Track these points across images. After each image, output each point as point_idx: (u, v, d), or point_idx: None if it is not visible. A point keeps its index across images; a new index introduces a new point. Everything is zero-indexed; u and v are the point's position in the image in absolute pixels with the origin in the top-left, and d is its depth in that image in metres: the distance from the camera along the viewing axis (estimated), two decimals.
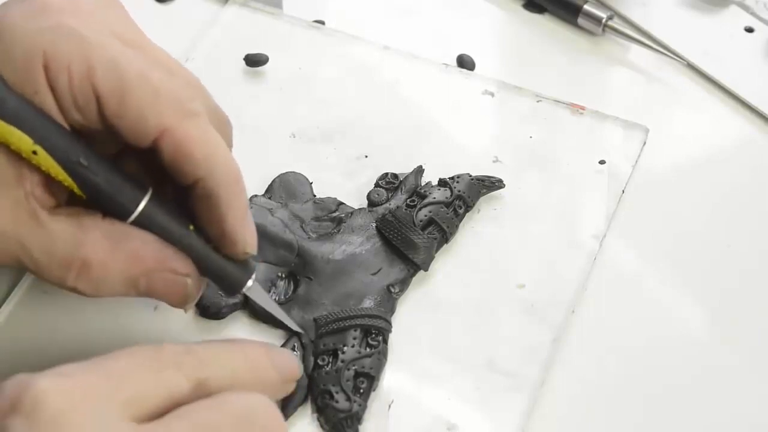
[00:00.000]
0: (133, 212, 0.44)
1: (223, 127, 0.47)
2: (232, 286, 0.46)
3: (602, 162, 0.59)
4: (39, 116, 0.42)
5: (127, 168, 0.46)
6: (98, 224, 0.44)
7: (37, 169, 0.43)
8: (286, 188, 0.57)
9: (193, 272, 0.45)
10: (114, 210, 0.44)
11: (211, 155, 0.44)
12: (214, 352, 0.42)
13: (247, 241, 0.45)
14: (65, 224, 0.43)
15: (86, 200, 0.44)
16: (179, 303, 0.46)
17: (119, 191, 0.43)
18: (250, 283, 0.46)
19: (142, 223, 0.44)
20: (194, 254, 0.45)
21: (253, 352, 0.44)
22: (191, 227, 0.45)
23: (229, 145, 0.48)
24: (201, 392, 0.41)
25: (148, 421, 0.39)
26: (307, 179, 0.57)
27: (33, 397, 0.37)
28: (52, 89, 0.43)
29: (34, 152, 0.42)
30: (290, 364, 0.46)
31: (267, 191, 0.57)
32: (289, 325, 0.50)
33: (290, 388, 0.46)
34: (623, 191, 0.58)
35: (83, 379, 0.39)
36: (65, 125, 0.43)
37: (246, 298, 0.52)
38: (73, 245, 0.43)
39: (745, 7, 0.67)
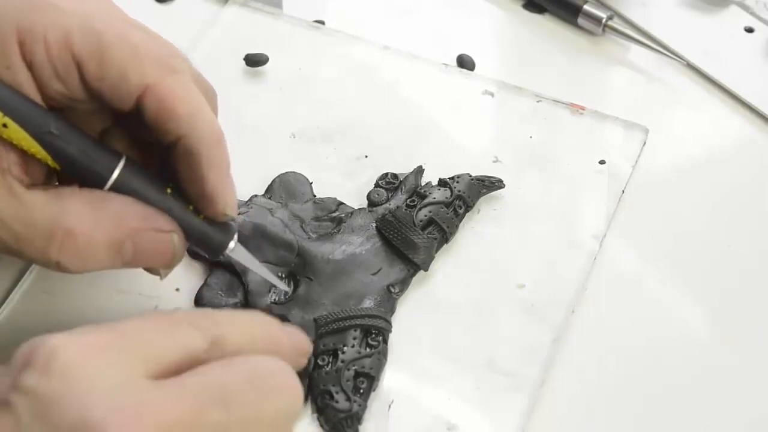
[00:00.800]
0: (108, 179, 0.43)
1: (208, 94, 0.47)
2: (214, 249, 0.46)
3: (602, 162, 0.59)
4: (7, 90, 0.42)
5: (113, 143, 0.46)
6: (76, 193, 0.43)
7: (13, 148, 0.42)
8: (286, 188, 0.57)
9: (177, 229, 0.45)
10: (90, 178, 0.43)
11: (193, 112, 0.44)
12: (229, 315, 0.42)
13: (227, 201, 0.45)
14: (44, 196, 0.43)
15: (62, 173, 0.44)
16: (166, 263, 0.45)
17: (93, 159, 0.43)
18: (232, 244, 0.46)
19: (119, 189, 0.44)
20: (174, 217, 0.44)
21: (267, 321, 0.43)
22: (169, 191, 0.44)
23: (214, 112, 0.47)
24: (217, 350, 0.40)
25: (164, 378, 0.38)
26: (307, 179, 0.57)
27: (46, 351, 0.37)
28: (30, 64, 0.43)
29: (4, 125, 0.42)
30: (302, 338, 0.45)
31: (267, 191, 0.57)
32: (278, 286, 0.50)
33: (303, 361, 0.45)
34: (623, 191, 0.58)
35: (97, 336, 0.38)
36: (38, 98, 0.43)
37: (246, 299, 0.52)
38: (54, 216, 0.43)
39: (745, 7, 0.67)
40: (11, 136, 0.42)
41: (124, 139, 0.46)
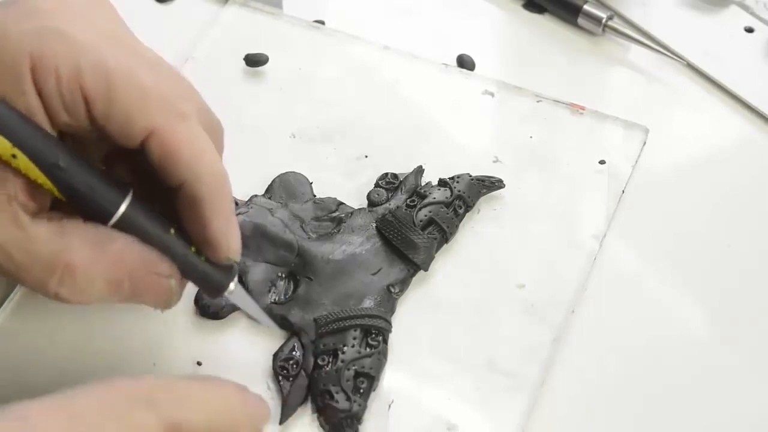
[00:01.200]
0: (113, 215, 0.43)
1: (214, 130, 0.47)
2: (213, 290, 0.46)
3: (602, 162, 0.59)
4: (19, 119, 0.42)
5: (117, 169, 0.46)
6: (80, 228, 0.43)
7: (20, 174, 0.43)
8: (286, 188, 0.57)
9: (176, 273, 0.45)
10: (95, 213, 0.44)
11: (197, 158, 0.44)
12: (191, 390, 0.40)
13: (230, 246, 0.45)
14: (47, 228, 0.43)
15: (68, 204, 0.44)
16: (162, 305, 0.46)
17: (99, 194, 0.43)
18: (232, 286, 0.46)
19: (123, 226, 0.44)
20: (176, 257, 0.45)
21: (229, 396, 0.42)
22: (172, 231, 0.45)
23: (220, 147, 0.47)
24: None
25: None
26: (307, 179, 0.57)
27: None
28: (40, 91, 0.43)
29: (13, 156, 0.42)
30: (262, 411, 0.43)
31: (267, 191, 0.57)
32: (273, 330, 0.50)
33: None
34: (623, 191, 0.58)
35: (41, 423, 0.36)
36: (49, 128, 0.43)
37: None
38: (55, 249, 0.43)
39: (745, 7, 0.67)
40: (20, 166, 0.42)
41: (129, 167, 0.46)
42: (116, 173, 0.46)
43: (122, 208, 0.43)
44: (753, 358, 0.53)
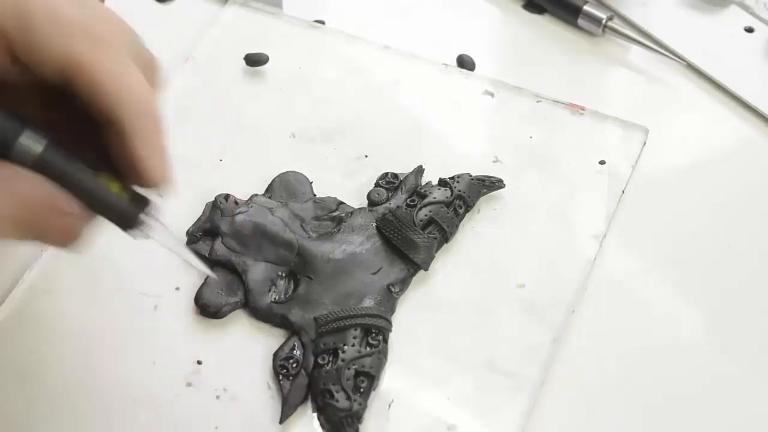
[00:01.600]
0: (10, 148, 0.42)
1: (147, 65, 0.45)
2: (125, 222, 0.44)
3: (602, 162, 0.59)
4: None
5: (51, 115, 0.45)
6: None
7: None
8: (287, 188, 0.57)
9: (78, 210, 0.43)
10: None
11: (120, 84, 0.43)
12: None
13: (157, 169, 0.43)
14: None
15: None
16: (66, 242, 0.44)
17: None
18: (146, 219, 0.43)
19: (21, 160, 0.42)
20: (78, 189, 0.43)
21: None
22: (85, 166, 0.43)
23: (155, 83, 0.46)
24: None
25: None
26: (307, 179, 0.57)
27: None
28: None
29: None
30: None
31: (267, 191, 0.57)
32: (202, 270, 0.47)
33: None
34: (623, 191, 0.58)
35: None
36: None
37: (246, 298, 0.52)
38: None
39: (745, 7, 0.67)
40: None
41: (69, 117, 0.45)
42: (52, 119, 0.44)
43: (20, 141, 0.42)
44: (752, 358, 0.53)
